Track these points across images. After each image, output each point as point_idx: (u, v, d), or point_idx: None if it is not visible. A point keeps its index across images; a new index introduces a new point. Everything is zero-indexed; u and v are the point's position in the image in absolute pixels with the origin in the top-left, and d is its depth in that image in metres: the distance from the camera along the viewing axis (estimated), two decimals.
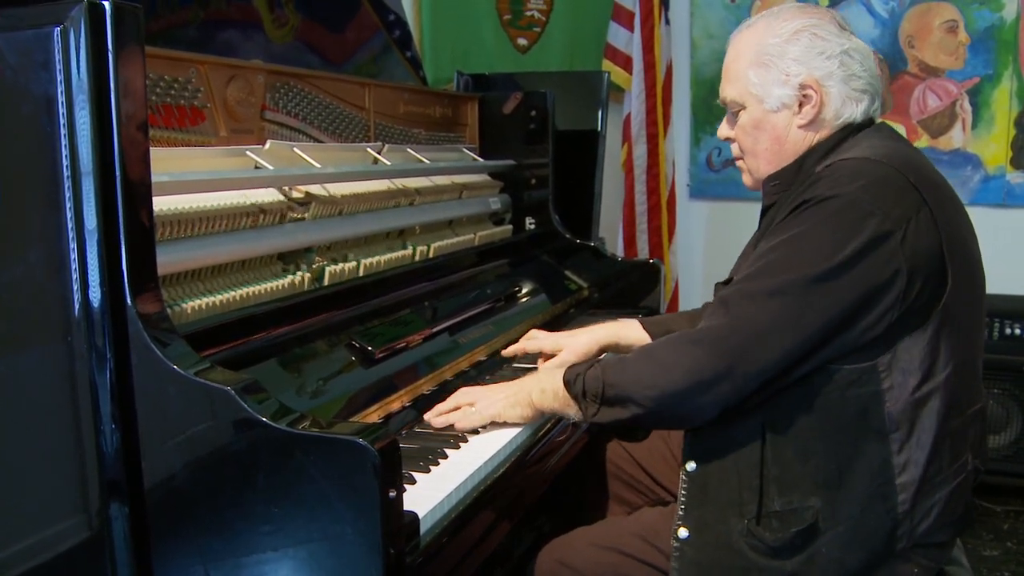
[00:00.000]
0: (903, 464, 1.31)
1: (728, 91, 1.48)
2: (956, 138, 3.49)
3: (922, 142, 3.51)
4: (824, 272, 1.26)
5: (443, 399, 1.51)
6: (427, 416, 1.49)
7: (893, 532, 1.32)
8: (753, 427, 1.34)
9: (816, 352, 1.29)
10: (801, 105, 1.41)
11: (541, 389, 1.46)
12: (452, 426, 1.45)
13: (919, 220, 1.29)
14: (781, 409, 1.33)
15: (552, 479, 1.59)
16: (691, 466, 1.40)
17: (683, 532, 1.38)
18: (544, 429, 1.53)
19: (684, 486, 1.40)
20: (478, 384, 1.59)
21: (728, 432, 1.36)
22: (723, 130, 1.54)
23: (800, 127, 1.42)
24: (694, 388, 1.30)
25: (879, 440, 1.31)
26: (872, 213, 1.27)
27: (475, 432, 1.45)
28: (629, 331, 1.78)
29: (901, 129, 3.51)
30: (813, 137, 1.43)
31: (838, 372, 1.30)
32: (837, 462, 1.31)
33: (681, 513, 1.40)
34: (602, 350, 1.77)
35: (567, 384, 1.42)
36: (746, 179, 1.54)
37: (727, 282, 1.45)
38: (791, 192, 1.41)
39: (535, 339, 1.77)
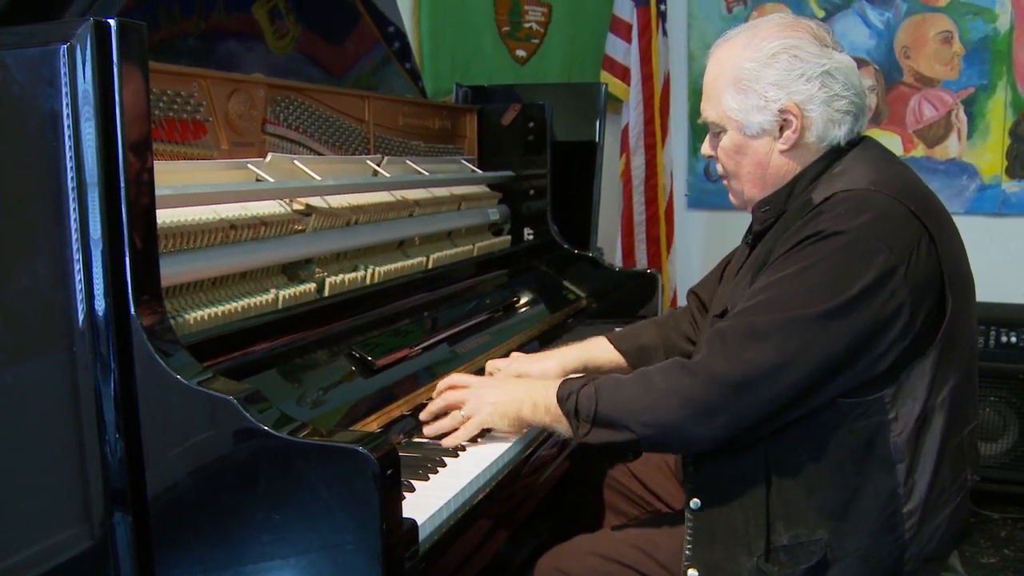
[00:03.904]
0: (910, 492, 1.30)
1: (708, 112, 1.44)
2: (952, 148, 3.51)
3: (918, 152, 3.53)
4: (830, 309, 1.24)
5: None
6: (420, 416, 1.49)
7: (900, 558, 1.31)
8: (756, 462, 1.32)
9: (820, 388, 1.26)
10: (782, 129, 1.37)
11: (533, 403, 1.43)
12: (444, 437, 1.44)
13: (920, 250, 1.27)
14: (785, 443, 1.31)
15: (551, 487, 1.60)
16: (695, 503, 1.38)
17: (693, 573, 1.37)
18: (542, 438, 1.54)
19: (689, 525, 1.38)
20: None
21: (731, 468, 1.34)
22: (706, 148, 1.50)
23: (782, 152, 1.39)
24: (689, 420, 1.28)
25: (885, 470, 1.29)
26: (879, 250, 1.24)
27: (473, 441, 1.46)
28: (598, 352, 1.74)
29: (897, 140, 3.54)
30: (799, 162, 1.39)
31: (843, 405, 1.28)
32: (843, 494, 1.30)
33: (688, 553, 1.38)
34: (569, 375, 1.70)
35: (560, 400, 1.39)
36: (733, 199, 1.50)
37: (722, 314, 1.41)
38: (786, 220, 1.37)
39: (496, 371, 1.68)
